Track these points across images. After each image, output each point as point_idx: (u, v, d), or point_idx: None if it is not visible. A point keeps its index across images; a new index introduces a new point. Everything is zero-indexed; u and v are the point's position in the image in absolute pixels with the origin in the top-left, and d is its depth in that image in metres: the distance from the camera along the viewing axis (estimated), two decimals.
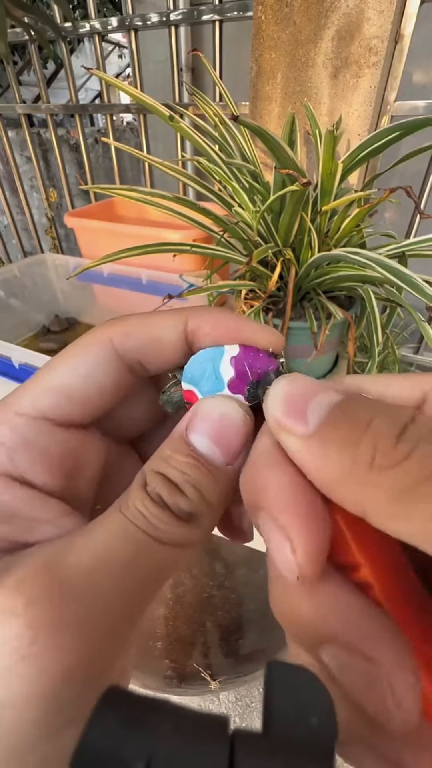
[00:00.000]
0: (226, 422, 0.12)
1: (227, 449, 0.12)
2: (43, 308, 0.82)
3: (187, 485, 0.12)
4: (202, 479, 0.12)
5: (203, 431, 0.12)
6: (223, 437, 0.12)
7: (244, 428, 0.13)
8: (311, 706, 0.09)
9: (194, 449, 0.12)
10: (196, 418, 0.12)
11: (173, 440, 0.13)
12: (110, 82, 0.44)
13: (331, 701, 0.09)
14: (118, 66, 4.19)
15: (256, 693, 0.84)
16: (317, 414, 0.10)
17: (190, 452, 0.12)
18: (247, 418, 0.13)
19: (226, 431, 0.12)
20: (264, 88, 0.59)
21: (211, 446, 0.12)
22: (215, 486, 0.12)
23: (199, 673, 0.57)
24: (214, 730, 0.08)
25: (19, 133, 1.48)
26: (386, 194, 0.40)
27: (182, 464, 0.12)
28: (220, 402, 0.13)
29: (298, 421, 0.10)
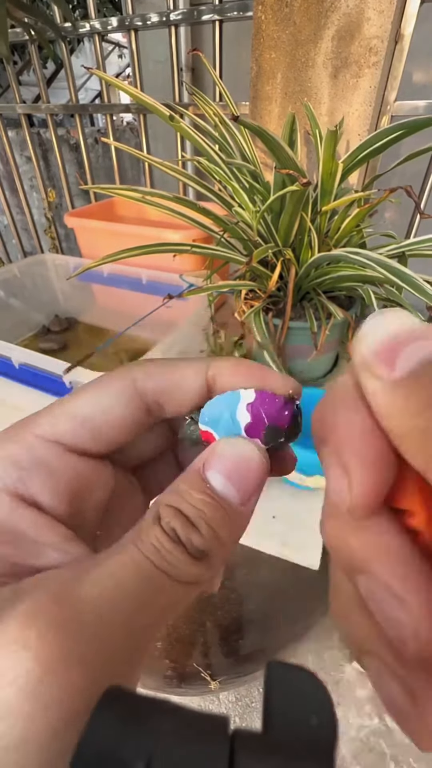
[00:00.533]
0: (243, 463, 0.13)
1: (242, 490, 0.12)
2: (43, 308, 0.82)
3: (202, 522, 0.12)
4: (216, 517, 0.12)
5: (220, 470, 0.12)
6: (239, 477, 0.12)
7: (260, 470, 0.13)
8: (311, 706, 0.09)
9: (210, 487, 0.12)
10: (213, 457, 0.13)
11: (189, 476, 0.13)
12: (110, 82, 0.44)
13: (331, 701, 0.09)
14: (118, 66, 4.19)
15: (256, 693, 0.84)
16: (408, 363, 0.10)
17: (205, 489, 0.12)
18: (264, 461, 0.13)
19: (243, 472, 0.12)
20: (264, 88, 0.59)
21: (227, 485, 0.12)
22: (228, 525, 0.12)
23: (199, 673, 0.57)
24: (214, 730, 0.08)
25: (19, 133, 1.48)
26: (386, 194, 0.40)
27: (197, 501, 0.12)
28: (238, 442, 0.13)
29: (386, 364, 0.10)
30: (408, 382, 0.10)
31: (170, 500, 0.12)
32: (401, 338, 0.10)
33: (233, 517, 0.12)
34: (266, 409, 0.14)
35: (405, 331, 0.10)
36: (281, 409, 0.14)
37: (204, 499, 0.12)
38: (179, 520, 0.11)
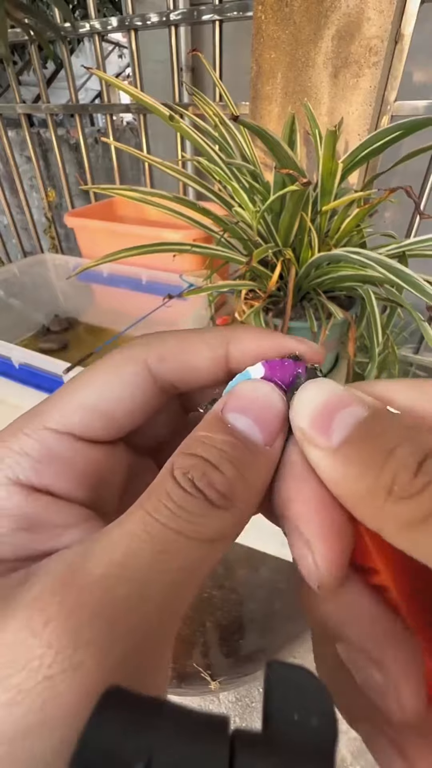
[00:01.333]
0: (265, 401, 0.12)
1: (266, 428, 0.11)
2: (43, 308, 0.82)
3: (226, 462, 0.10)
4: (242, 457, 0.11)
5: (242, 410, 0.11)
6: (261, 416, 0.11)
7: (283, 408, 0.12)
8: (311, 706, 0.09)
9: (232, 426, 0.11)
10: (233, 397, 0.12)
11: (208, 422, 0.12)
12: (110, 82, 0.44)
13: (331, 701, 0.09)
14: (118, 66, 4.19)
15: (256, 693, 0.85)
16: (342, 430, 0.10)
17: (227, 429, 0.11)
18: (284, 402, 0.12)
19: (265, 410, 0.12)
20: (264, 88, 0.59)
21: (251, 424, 0.11)
22: (255, 466, 0.11)
23: (199, 673, 0.57)
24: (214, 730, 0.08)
25: (19, 133, 1.49)
26: (386, 194, 0.40)
27: (219, 441, 0.11)
28: (257, 383, 0.12)
29: (323, 434, 0.10)
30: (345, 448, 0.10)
31: (187, 448, 0.11)
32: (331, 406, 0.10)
33: (260, 458, 0.11)
34: (279, 377, 0.13)
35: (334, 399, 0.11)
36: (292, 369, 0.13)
37: (226, 439, 0.11)
38: (199, 465, 0.10)
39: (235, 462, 0.10)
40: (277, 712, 0.08)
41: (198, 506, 0.10)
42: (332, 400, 0.11)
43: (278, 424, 0.12)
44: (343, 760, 0.77)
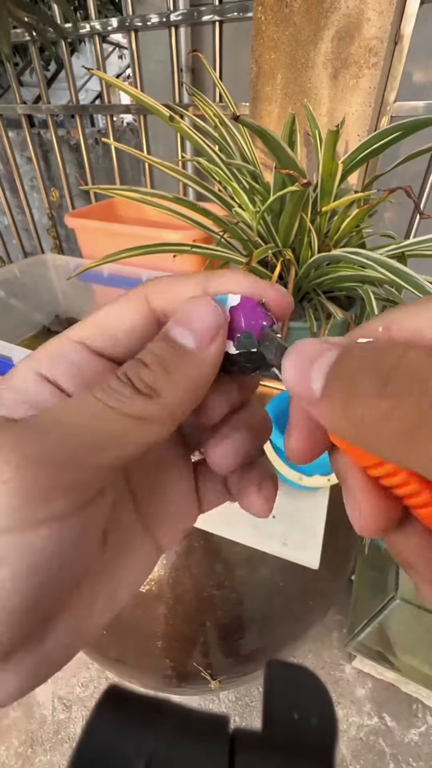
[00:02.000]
0: (200, 313, 0.14)
1: (197, 332, 0.14)
2: (44, 308, 0.82)
3: (154, 361, 0.13)
4: (168, 357, 0.13)
5: (180, 322, 0.14)
6: (195, 326, 0.14)
7: (215, 317, 0.14)
8: (311, 706, 0.09)
9: (170, 337, 0.14)
10: (178, 313, 0.14)
11: (156, 336, 0.14)
12: (111, 83, 0.44)
13: (330, 701, 0.09)
14: (119, 67, 4.20)
15: (256, 693, 0.85)
16: (319, 379, 0.12)
17: (166, 339, 0.14)
18: (219, 310, 0.14)
19: (198, 321, 0.14)
20: (264, 89, 0.59)
21: (184, 332, 0.14)
22: (182, 366, 0.13)
23: (199, 672, 0.58)
24: (214, 729, 0.08)
25: (19, 134, 1.49)
26: (386, 195, 0.40)
27: (156, 348, 0.13)
28: (198, 299, 0.14)
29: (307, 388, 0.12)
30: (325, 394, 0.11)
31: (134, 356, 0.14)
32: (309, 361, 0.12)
33: (189, 359, 0.13)
34: (246, 314, 0.14)
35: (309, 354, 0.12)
36: (261, 316, 0.15)
37: (161, 345, 0.13)
38: (133, 363, 0.13)
39: (162, 361, 0.13)
40: (277, 711, 0.08)
41: (127, 391, 0.12)
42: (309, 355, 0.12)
43: (209, 329, 0.14)
44: (342, 759, 0.77)
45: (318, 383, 0.12)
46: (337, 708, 0.84)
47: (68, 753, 0.81)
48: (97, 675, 0.86)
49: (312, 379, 0.12)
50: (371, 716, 0.83)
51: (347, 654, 0.89)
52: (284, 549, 0.45)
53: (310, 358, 0.12)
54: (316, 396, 0.12)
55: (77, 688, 0.85)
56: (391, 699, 0.85)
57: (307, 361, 0.12)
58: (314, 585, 0.57)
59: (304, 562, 0.45)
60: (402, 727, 0.81)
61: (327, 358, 0.12)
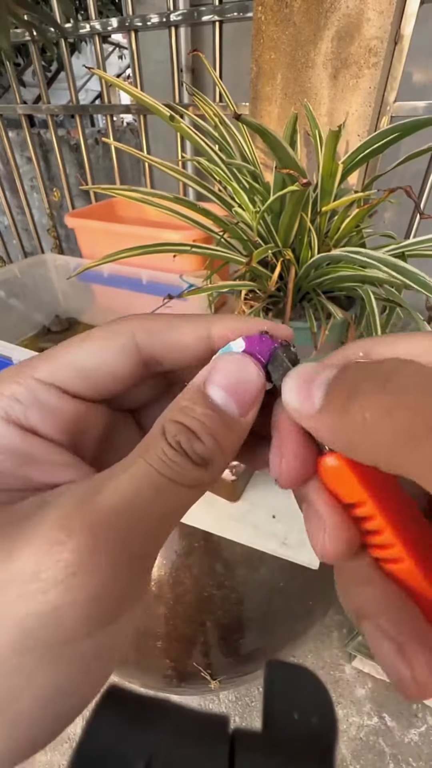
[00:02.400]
0: (241, 376, 0.14)
1: (242, 402, 0.13)
2: (44, 308, 0.82)
3: (204, 433, 0.13)
4: (217, 429, 0.13)
5: (220, 384, 0.13)
6: (238, 391, 0.13)
7: (258, 383, 0.14)
8: (311, 705, 0.09)
9: (212, 401, 0.13)
10: (214, 371, 0.14)
11: (191, 392, 0.14)
12: (111, 82, 0.44)
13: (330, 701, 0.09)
14: (119, 67, 4.20)
15: (256, 693, 0.85)
16: (320, 393, 0.12)
17: (207, 403, 0.13)
18: (261, 375, 0.14)
19: (241, 385, 0.14)
20: (264, 89, 0.59)
21: (227, 399, 0.13)
22: (229, 435, 0.13)
23: (199, 672, 0.57)
24: (214, 729, 0.08)
25: (19, 134, 1.49)
26: (386, 194, 0.40)
27: (200, 414, 0.13)
28: (235, 357, 0.14)
29: (308, 402, 0.12)
30: (325, 405, 0.12)
31: (174, 416, 0.13)
32: (310, 379, 0.13)
33: (233, 427, 0.13)
34: (258, 350, 0.15)
35: (310, 373, 0.13)
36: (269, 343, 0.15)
37: (206, 413, 0.13)
38: (184, 433, 0.13)
39: (213, 434, 0.13)
40: (277, 711, 0.08)
41: (184, 463, 0.12)
42: (310, 374, 0.13)
43: (253, 398, 0.14)
44: (342, 759, 0.77)
45: (318, 397, 0.12)
46: (337, 708, 0.84)
47: (68, 753, 0.81)
48: None
49: (312, 394, 0.12)
50: (371, 716, 0.83)
51: (347, 654, 0.89)
52: (284, 549, 0.45)
53: (310, 377, 0.13)
54: (316, 407, 0.12)
55: None
56: (391, 699, 0.85)
57: (307, 379, 0.13)
58: (314, 585, 0.57)
59: (304, 562, 0.45)
60: (402, 727, 0.81)
61: (327, 374, 0.12)
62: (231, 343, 0.15)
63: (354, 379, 0.12)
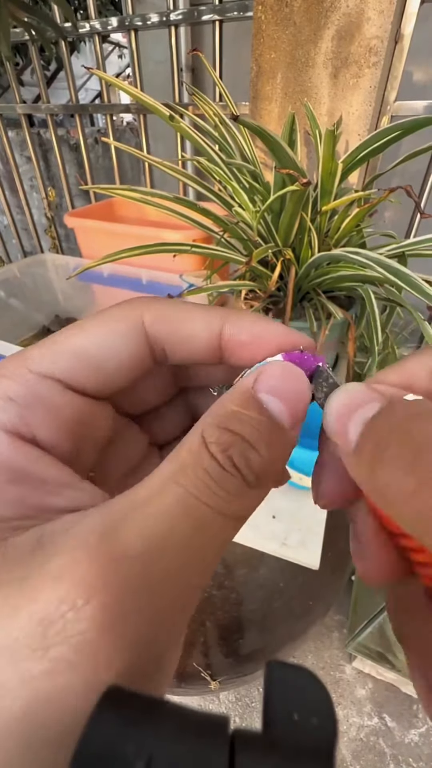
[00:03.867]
0: (295, 386, 0.12)
1: (293, 412, 0.11)
2: (43, 308, 0.82)
3: (262, 443, 0.10)
4: (274, 439, 0.11)
5: (273, 391, 0.11)
6: (290, 400, 0.11)
7: (308, 395, 0.12)
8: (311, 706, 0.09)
9: (267, 408, 0.11)
10: (266, 376, 0.12)
11: (239, 395, 0.11)
12: (111, 82, 0.44)
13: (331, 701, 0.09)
14: (118, 66, 4.19)
15: (256, 693, 0.84)
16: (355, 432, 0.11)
17: (263, 410, 0.11)
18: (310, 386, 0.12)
19: (294, 395, 0.12)
20: (264, 88, 0.59)
21: (281, 407, 0.11)
22: (281, 445, 0.11)
23: (199, 672, 0.57)
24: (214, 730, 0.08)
25: (19, 133, 1.48)
26: (386, 194, 0.40)
27: (256, 422, 0.11)
28: (289, 365, 0.12)
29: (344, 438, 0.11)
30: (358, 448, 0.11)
31: (221, 422, 0.10)
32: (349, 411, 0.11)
33: (286, 437, 0.11)
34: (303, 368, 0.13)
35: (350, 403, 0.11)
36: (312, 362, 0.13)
37: (261, 419, 0.11)
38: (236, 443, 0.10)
39: (270, 443, 0.11)
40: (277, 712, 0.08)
41: (235, 485, 0.10)
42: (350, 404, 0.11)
43: (303, 410, 0.12)
44: (343, 760, 0.77)
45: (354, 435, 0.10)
46: (338, 708, 0.84)
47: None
48: None
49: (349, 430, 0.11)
50: (371, 717, 0.83)
51: (347, 654, 0.89)
52: (284, 549, 0.45)
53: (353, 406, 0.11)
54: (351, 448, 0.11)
55: None
56: (391, 699, 0.85)
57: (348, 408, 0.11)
58: (314, 585, 0.57)
59: (304, 562, 0.45)
60: (402, 727, 0.81)
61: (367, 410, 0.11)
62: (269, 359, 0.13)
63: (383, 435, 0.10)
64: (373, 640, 0.82)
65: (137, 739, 0.07)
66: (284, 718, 0.08)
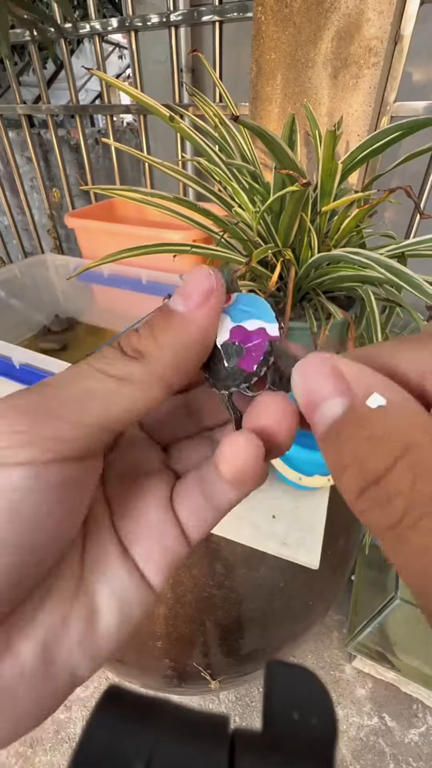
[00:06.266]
0: (192, 276, 0.14)
1: (185, 295, 0.13)
2: (44, 308, 0.83)
3: (144, 326, 0.13)
4: (155, 321, 0.13)
5: (176, 291, 0.14)
6: (185, 288, 0.14)
7: (205, 279, 0.14)
8: (311, 705, 0.09)
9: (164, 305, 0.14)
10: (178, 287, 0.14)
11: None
12: (110, 83, 0.44)
13: (330, 701, 0.09)
14: (118, 67, 4.19)
15: (256, 692, 0.85)
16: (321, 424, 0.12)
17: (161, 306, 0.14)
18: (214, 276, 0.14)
19: (190, 286, 0.14)
20: (264, 89, 0.59)
21: (175, 297, 0.14)
22: (170, 328, 0.13)
23: (199, 672, 0.57)
24: (214, 729, 0.08)
25: (19, 134, 1.49)
26: (386, 194, 0.40)
27: (150, 316, 0.14)
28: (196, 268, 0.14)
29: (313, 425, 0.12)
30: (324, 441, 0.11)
31: None
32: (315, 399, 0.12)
33: (174, 321, 0.13)
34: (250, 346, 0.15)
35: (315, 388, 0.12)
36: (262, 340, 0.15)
37: (154, 313, 0.14)
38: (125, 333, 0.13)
39: (150, 326, 0.13)
40: (277, 711, 0.08)
41: (114, 354, 0.13)
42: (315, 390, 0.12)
43: (198, 295, 0.13)
44: (342, 759, 0.77)
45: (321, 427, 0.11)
46: (337, 708, 0.84)
47: (68, 753, 0.81)
48: (97, 675, 0.86)
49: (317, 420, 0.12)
50: (371, 716, 0.83)
51: (347, 654, 0.89)
52: (284, 549, 0.45)
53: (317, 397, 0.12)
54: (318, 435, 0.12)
55: (77, 689, 0.85)
56: (391, 699, 0.85)
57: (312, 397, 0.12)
58: (314, 585, 0.57)
59: (304, 562, 0.45)
60: (402, 727, 0.81)
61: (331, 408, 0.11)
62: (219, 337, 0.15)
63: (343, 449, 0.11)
64: (373, 640, 0.82)
65: (137, 739, 0.07)
66: (284, 718, 0.08)
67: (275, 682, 0.09)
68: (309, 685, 0.09)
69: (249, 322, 0.15)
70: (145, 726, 0.08)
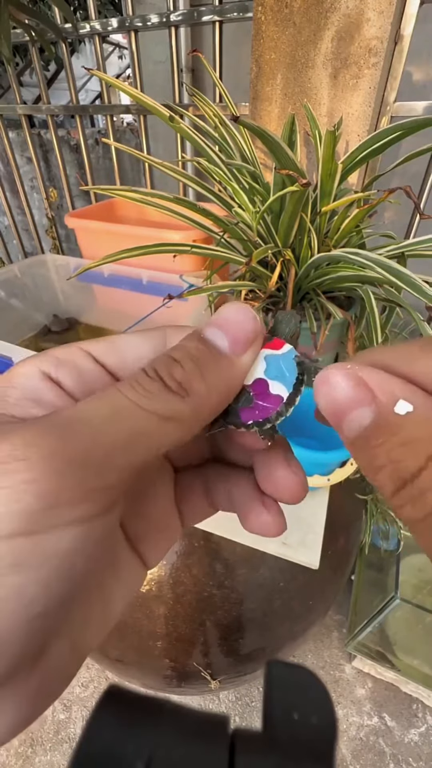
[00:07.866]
0: (237, 317, 0.14)
1: (233, 337, 0.13)
2: (44, 308, 0.83)
3: (187, 359, 0.12)
4: (203, 358, 0.13)
5: (217, 325, 0.13)
6: (231, 328, 0.13)
7: (253, 324, 0.14)
8: (311, 705, 0.09)
9: (204, 337, 0.13)
10: (214, 317, 0.14)
11: (188, 335, 0.14)
12: (111, 83, 0.44)
13: (330, 701, 0.09)
14: (119, 67, 4.19)
15: (256, 692, 0.84)
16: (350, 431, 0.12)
17: (200, 339, 0.13)
18: (258, 319, 0.14)
19: (236, 325, 0.13)
20: (264, 89, 0.59)
21: (218, 333, 0.13)
22: (216, 368, 0.13)
23: (199, 672, 0.57)
24: (214, 729, 0.08)
25: (19, 134, 1.49)
26: (386, 195, 0.40)
27: (190, 347, 0.13)
28: (236, 304, 0.14)
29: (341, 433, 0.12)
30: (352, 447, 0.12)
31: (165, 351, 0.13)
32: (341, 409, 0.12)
33: (222, 363, 0.13)
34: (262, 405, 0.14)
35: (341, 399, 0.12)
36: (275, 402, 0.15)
37: (195, 345, 0.13)
38: (165, 360, 0.12)
39: (196, 361, 0.13)
40: (277, 711, 0.08)
41: (155, 387, 0.12)
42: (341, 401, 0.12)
43: (245, 335, 0.13)
44: (342, 759, 0.77)
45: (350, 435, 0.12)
46: (337, 708, 0.84)
47: (68, 753, 0.81)
48: (97, 675, 0.86)
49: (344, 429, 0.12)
50: (371, 716, 0.83)
51: (347, 654, 0.89)
52: (284, 549, 0.45)
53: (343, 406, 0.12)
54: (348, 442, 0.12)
55: (77, 689, 0.85)
56: (391, 699, 0.85)
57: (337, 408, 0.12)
58: (314, 585, 0.57)
59: (304, 562, 0.45)
60: (402, 727, 0.81)
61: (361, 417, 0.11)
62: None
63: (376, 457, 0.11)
64: (373, 640, 0.82)
65: (137, 739, 0.07)
66: (284, 717, 0.08)
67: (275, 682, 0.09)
68: (309, 685, 0.09)
69: (276, 384, 0.14)
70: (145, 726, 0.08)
